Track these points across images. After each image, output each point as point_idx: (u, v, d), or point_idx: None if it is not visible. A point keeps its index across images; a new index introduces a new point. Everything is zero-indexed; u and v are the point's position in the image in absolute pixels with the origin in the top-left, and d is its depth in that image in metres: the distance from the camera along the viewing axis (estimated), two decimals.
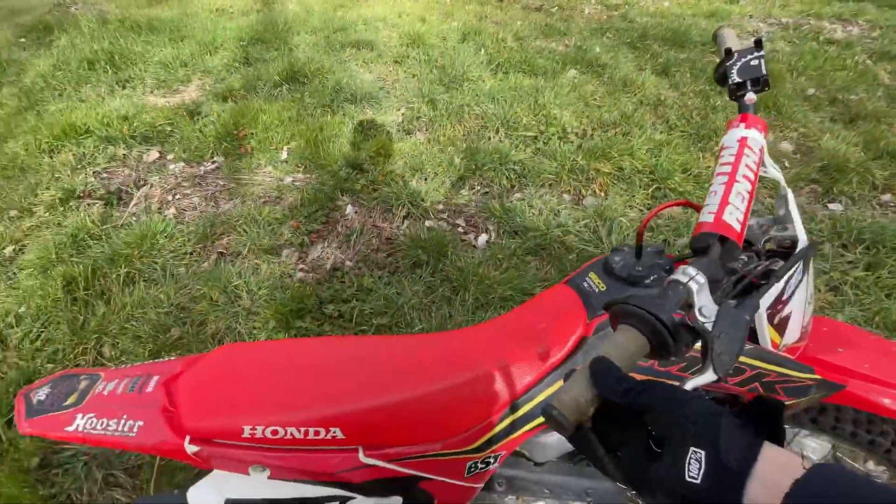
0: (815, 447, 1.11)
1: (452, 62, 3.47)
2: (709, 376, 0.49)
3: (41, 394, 0.70)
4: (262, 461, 0.67)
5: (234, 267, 1.97)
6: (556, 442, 0.81)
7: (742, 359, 0.75)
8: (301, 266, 2.06)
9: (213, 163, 2.67)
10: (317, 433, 0.66)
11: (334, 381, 0.71)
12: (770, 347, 0.75)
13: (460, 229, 2.23)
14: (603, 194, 2.35)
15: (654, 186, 2.35)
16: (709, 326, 0.50)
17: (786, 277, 0.69)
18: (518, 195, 2.38)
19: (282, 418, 0.65)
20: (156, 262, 1.96)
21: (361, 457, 0.68)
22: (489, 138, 2.76)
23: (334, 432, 0.66)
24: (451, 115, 2.92)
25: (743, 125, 0.74)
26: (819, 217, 2.17)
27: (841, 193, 2.34)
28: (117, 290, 1.82)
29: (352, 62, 3.60)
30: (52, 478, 1.34)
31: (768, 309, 0.72)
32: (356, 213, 2.32)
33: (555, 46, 3.90)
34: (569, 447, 0.83)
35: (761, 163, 0.72)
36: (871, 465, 1.12)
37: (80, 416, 0.67)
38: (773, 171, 0.75)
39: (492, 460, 0.76)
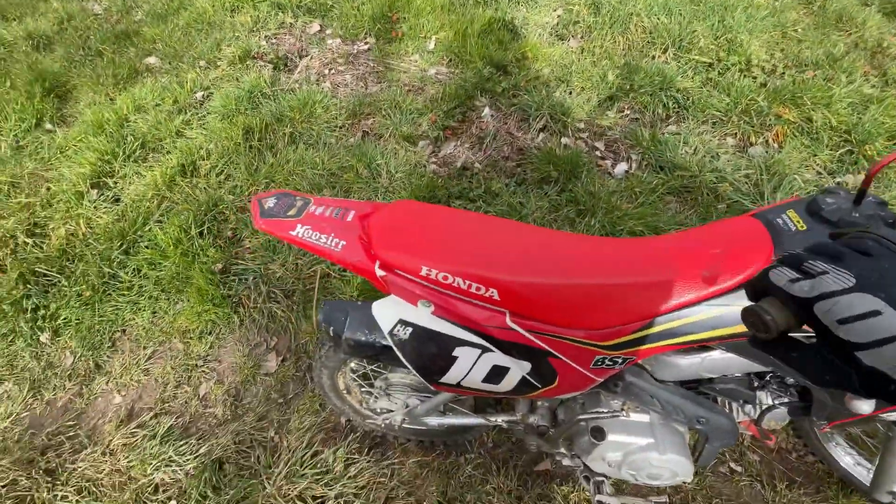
0: None
1: None
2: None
3: (269, 202, 0.87)
4: (430, 297, 0.78)
5: (377, 147, 2.11)
6: (686, 364, 0.82)
7: None
8: (433, 160, 2.14)
9: (366, 43, 2.75)
10: (478, 289, 0.75)
11: (501, 252, 0.78)
12: None
13: (598, 153, 2.11)
14: (777, 145, 2.03)
15: (845, 149, 1.97)
16: None
17: None
18: (673, 128, 2.15)
19: (453, 268, 0.75)
20: (313, 129, 2.17)
21: (508, 320, 0.77)
22: (653, 57, 2.46)
23: (492, 293, 0.75)
24: (615, 24, 2.61)
25: None
26: None
27: None
28: (282, 146, 2.07)
29: None
30: (229, 282, 1.69)
31: None
32: (493, 116, 2.29)
33: None
34: (690, 374, 0.84)
35: None
36: None
37: (299, 225, 0.83)
38: None
39: (620, 361, 0.80)
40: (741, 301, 0.72)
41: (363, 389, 1.18)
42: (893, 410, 0.78)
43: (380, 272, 0.78)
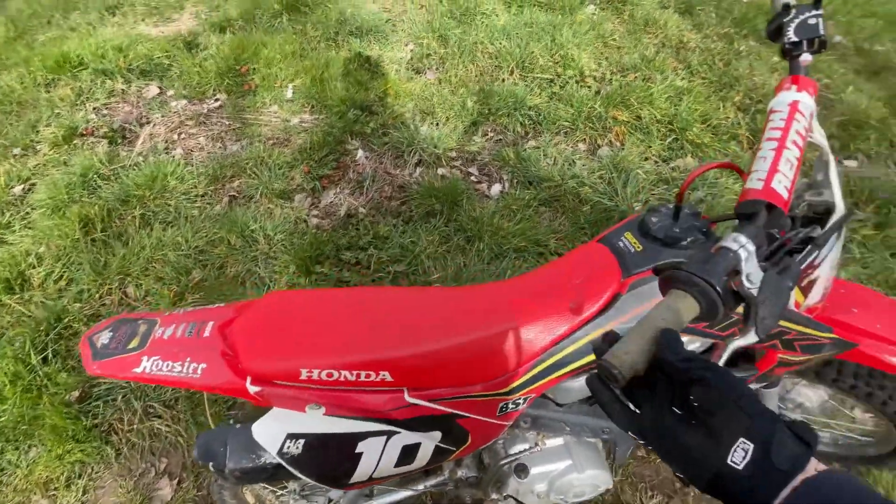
0: (811, 396, 1.19)
1: None
2: (751, 338, 0.53)
3: (104, 337, 0.74)
4: (318, 400, 0.73)
5: (248, 211, 1.97)
6: (578, 387, 0.87)
7: None
8: (314, 212, 2.07)
9: (216, 100, 2.58)
10: (368, 376, 0.72)
11: (382, 329, 0.75)
12: (793, 308, 0.79)
13: (473, 178, 2.21)
14: (619, 144, 2.31)
15: (671, 137, 2.31)
16: (754, 292, 0.52)
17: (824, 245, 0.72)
18: (533, 143, 2.34)
19: (336, 362, 0.71)
20: (169, 204, 1.96)
21: (407, 397, 0.75)
22: (503, 80, 2.65)
23: (383, 375, 0.72)
24: (464, 53, 2.78)
25: (795, 88, 0.73)
26: None
27: (858, 150, 2.31)
28: (134, 232, 1.83)
29: None
30: (92, 409, 1.43)
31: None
32: (367, 158, 2.28)
33: None
34: (586, 392, 0.90)
35: (810, 128, 0.71)
36: (857, 411, 1.22)
37: (145, 358, 0.72)
38: (819, 137, 0.75)
39: (521, 402, 0.82)
40: (604, 325, 0.79)
41: (278, 496, 1.08)
42: None
43: (253, 388, 0.71)
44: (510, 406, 0.83)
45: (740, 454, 0.37)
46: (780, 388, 1.07)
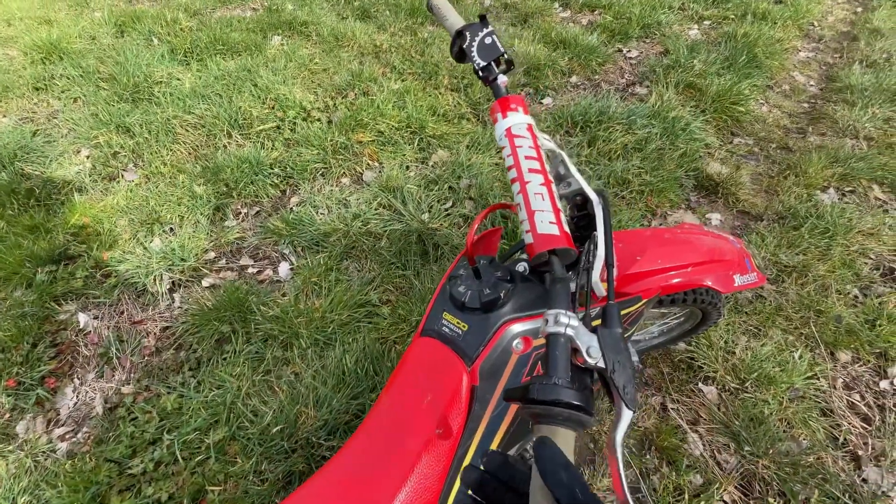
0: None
1: (123, 67, 2.67)
2: (627, 416, 0.48)
3: None
4: None
5: None
6: None
7: None
8: (58, 432, 1.43)
9: None
10: None
11: None
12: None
13: (251, 270, 1.86)
14: (378, 164, 2.24)
15: (417, 138, 2.35)
16: (601, 364, 0.49)
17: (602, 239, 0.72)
18: (295, 199, 2.09)
19: None
20: None
21: None
22: (224, 146, 2.29)
23: None
24: (160, 135, 2.30)
25: (501, 115, 0.73)
26: (541, 114, 2.54)
27: (547, 88, 2.76)
28: None
29: None
30: None
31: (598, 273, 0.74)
32: (96, 318, 1.69)
33: (241, 13, 3.37)
34: None
35: (535, 143, 0.71)
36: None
37: None
38: (545, 142, 0.74)
39: None
40: (476, 429, 0.68)
41: None
42: None
43: None
44: None
45: None
46: None
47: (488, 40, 0.79)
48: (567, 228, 0.63)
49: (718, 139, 2.41)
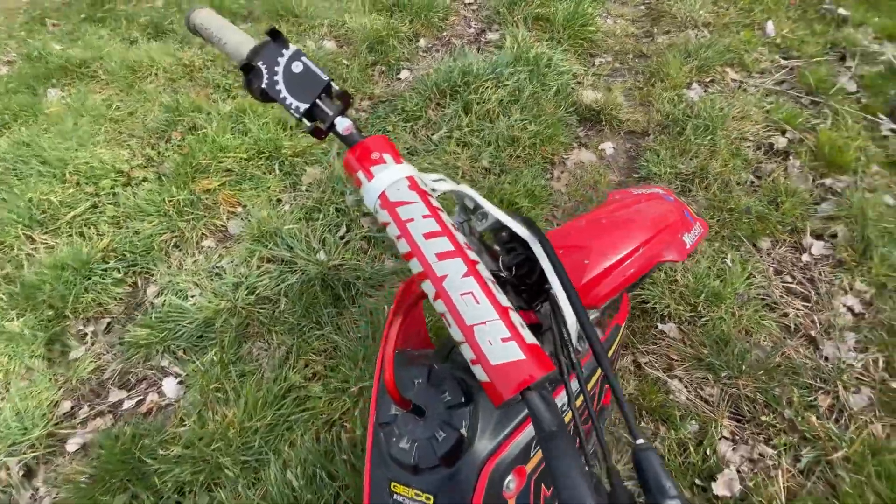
0: None
1: None
2: None
3: None
4: None
5: None
6: None
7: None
8: None
9: None
10: None
11: None
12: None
13: (127, 404, 1.44)
14: (240, 209, 1.85)
15: (276, 164, 1.98)
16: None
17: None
18: (153, 291, 1.65)
19: None
20: None
21: None
22: (29, 256, 1.74)
23: None
24: None
25: (364, 175, 0.47)
26: (403, 92, 2.28)
27: (399, 60, 2.48)
28: None
29: None
30: None
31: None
32: None
33: None
34: None
35: (426, 194, 0.46)
36: None
37: None
38: (440, 186, 0.51)
39: None
40: None
41: None
42: None
43: None
44: None
45: None
46: None
47: (297, 67, 0.53)
48: (526, 333, 0.41)
49: (582, 65, 2.35)
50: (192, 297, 1.58)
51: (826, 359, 1.35)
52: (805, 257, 1.59)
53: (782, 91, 2.09)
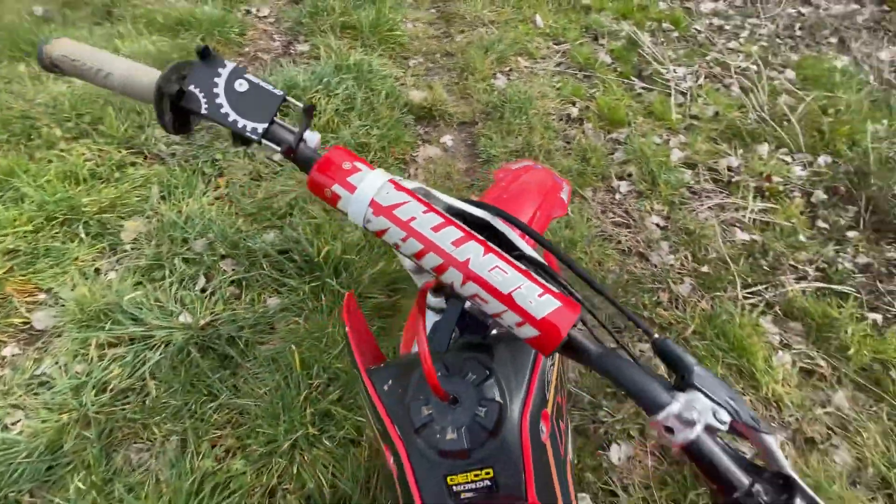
0: None
1: None
2: (772, 440, 0.40)
3: None
4: None
5: None
6: None
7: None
8: None
9: None
10: None
11: None
12: None
13: None
14: (44, 295, 1.42)
15: (81, 227, 1.57)
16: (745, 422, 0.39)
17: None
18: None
19: None
20: None
21: None
22: None
23: None
24: None
25: (344, 189, 0.44)
26: None
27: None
28: None
29: None
30: None
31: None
32: None
33: None
34: None
35: (415, 194, 0.46)
36: None
37: None
38: (413, 185, 0.50)
39: None
40: None
41: None
42: None
43: None
44: None
45: None
46: None
47: (240, 86, 0.46)
48: (549, 284, 0.44)
49: (399, 68, 2.46)
50: (16, 423, 1.16)
51: (655, 266, 1.74)
52: (618, 196, 2.00)
53: (563, 71, 2.55)
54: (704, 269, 1.72)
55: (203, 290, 1.49)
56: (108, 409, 1.21)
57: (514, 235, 0.55)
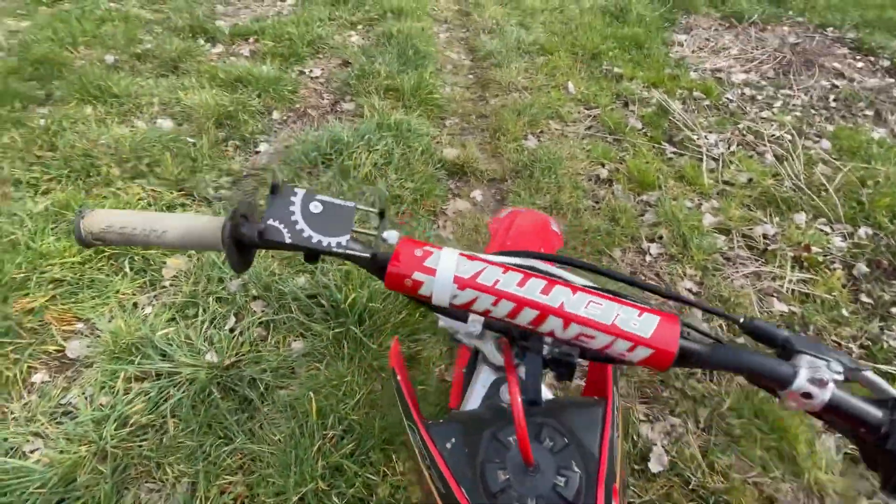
0: None
1: None
2: None
3: None
4: None
5: None
6: None
7: None
8: None
9: None
10: None
11: None
12: None
13: None
14: (81, 325, 1.49)
15: (126, 262, 1.67)
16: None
17: None
18: None
19: None
20: None
21: None
22: None
23: None
24: None
25: (423, 273, 0.46)
26: (265, 164, 2.19)
27: (254, 134, 2.39)
28: None
29: None
30: None
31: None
32: None
33: None
34: None
35: (486, 259, 0.48)
36: None
37: None
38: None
39: None
40: None
41: None
42: None
43: None
44: None
45: None
46: None
47: (315, 208, 0.48)
48: (640, 303, 0.45)
49: (436, 127, 2.59)
50: (34, 451, 1.18)
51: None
52: (647, 258, 1.97)
53: (593, 134, 2.62)
54: (740, 340, 1.65)
55: (231, 330, 1.53)
56: (126, 445, 1.22)
57: (558, 271, 0.55)
